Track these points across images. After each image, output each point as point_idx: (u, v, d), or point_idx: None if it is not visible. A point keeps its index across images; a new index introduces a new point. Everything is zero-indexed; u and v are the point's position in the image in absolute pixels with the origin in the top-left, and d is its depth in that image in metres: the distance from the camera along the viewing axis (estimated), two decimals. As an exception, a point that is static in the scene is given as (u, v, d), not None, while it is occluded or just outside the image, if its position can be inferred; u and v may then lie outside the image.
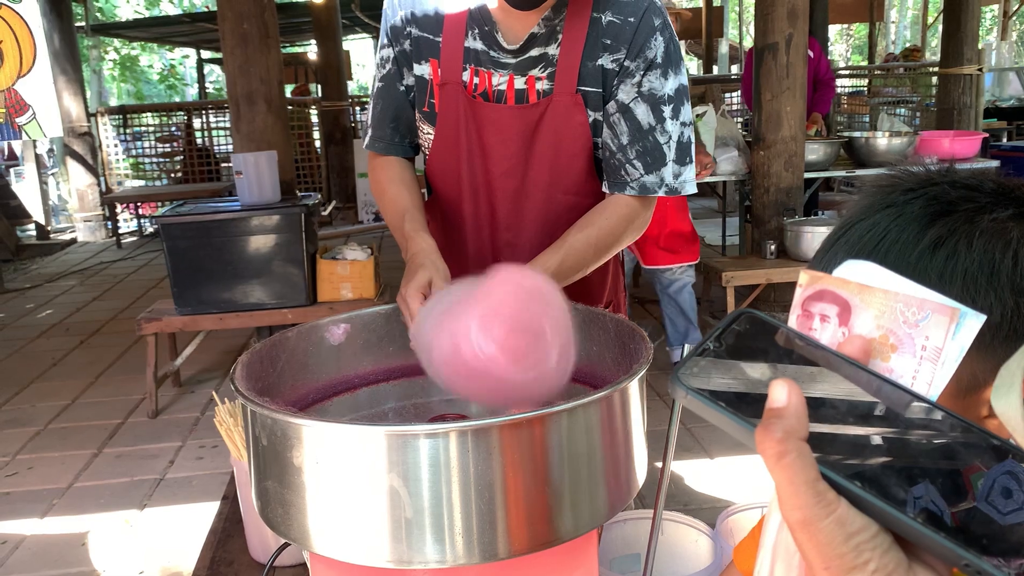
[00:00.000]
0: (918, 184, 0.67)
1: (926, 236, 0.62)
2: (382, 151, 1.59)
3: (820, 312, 0.52)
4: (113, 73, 21.85)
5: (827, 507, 0.42)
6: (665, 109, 1.43)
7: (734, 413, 0.46)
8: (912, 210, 0.64)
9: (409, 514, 0.87)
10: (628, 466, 1.01)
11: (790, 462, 0.42)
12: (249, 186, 4.01)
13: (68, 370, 4.97)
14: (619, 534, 1.41)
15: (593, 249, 1.42)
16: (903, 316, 0.49)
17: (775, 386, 0.43)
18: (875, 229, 0.65)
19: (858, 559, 0.41)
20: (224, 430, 1.56)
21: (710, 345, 0.49)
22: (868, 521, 0.42)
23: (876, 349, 0.49)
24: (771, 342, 0.49)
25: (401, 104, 1.55)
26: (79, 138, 9.21)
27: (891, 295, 0.49)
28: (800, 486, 0.42)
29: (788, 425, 0.42)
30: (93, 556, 2.93)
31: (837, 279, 0.51)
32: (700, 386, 0.47)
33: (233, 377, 1.03)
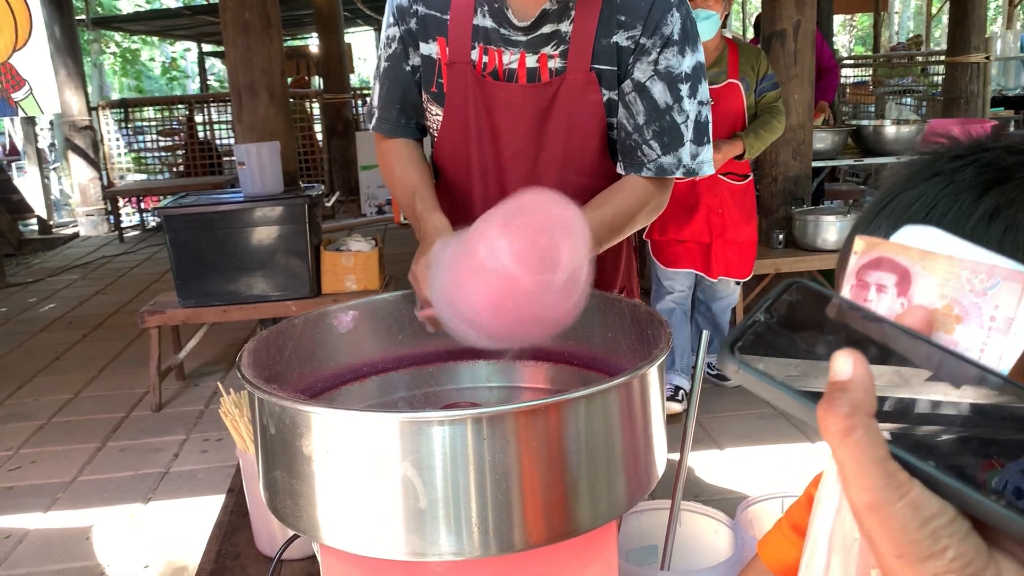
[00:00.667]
0: (967, 150, 0.62)
1: (980, 206, 0.57)
2: (388, 133, 1.55)
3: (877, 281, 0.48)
4: (114, 67, 21.81)
5: (899, 489, 0.38)
6: (682, 87, 1.39)
7: (792, 389, 0.42)
8: (963, 178, 0.59)
9: (423, 504, 0.84)
10: (647, 455, 0.97)
11: (857, 439, 0.38)
12: (252, 177, 3.97)
13: (71, 364, 4.95)
14: (636, 525, 1.38)
15: (607, 229, 1.39)
16: (969, 284, 0.45)
17: (838, 357, 0.40)
18: (923, 199, 0.60)
19: (935, 546, 0.38)
20: (229, 421, 1.53)
21: (760, 317, 0.45)
22: (944, 504, 0.38)
23: (939, 321, 0.45)
24: (824, 314, 0.45)
25: (407, 85, 1.52)
26: (80, 132, 9.17)
27: (956, 261, 0.45)
28: (869, 466, 0.38)
29: (855, 399, 0.39)
30: (97, 550, 2.91)
31: (896, 245, 0.47)
32: (753, 360, 0.43)
33: (239, 365, 1.00)
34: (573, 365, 1.25)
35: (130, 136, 10.07)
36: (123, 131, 9.95)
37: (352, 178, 9.70)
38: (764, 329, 0.45)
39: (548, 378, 1.27)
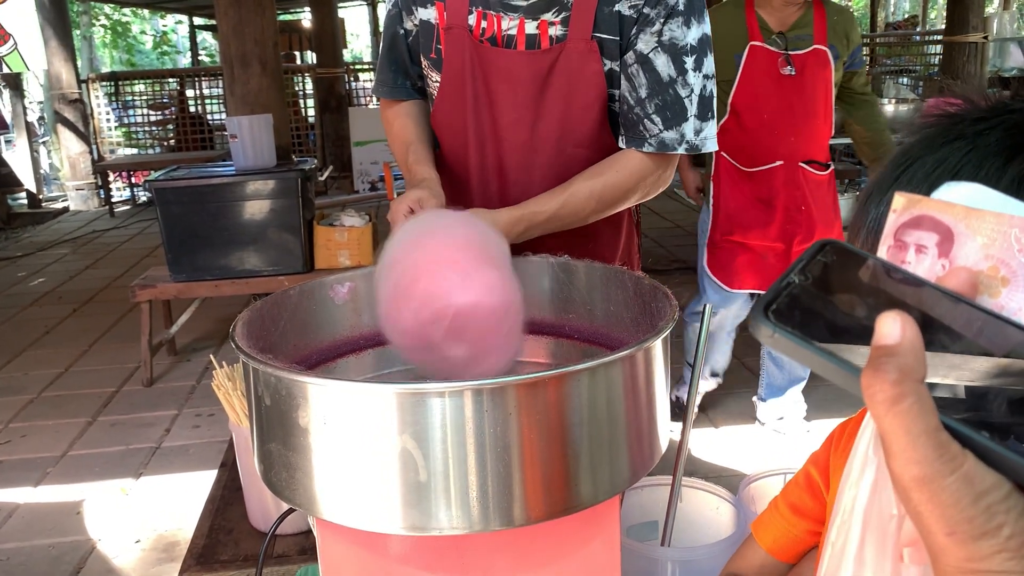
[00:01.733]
0: (990, 112, 0.59)
1: (1008, 171, 0.54)
2: (386, 95, 1.57)
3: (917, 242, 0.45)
4: (104, 40, 21.56)
5: (952, 461, 0.35)
6: (687, 60, 1.36)
7: (832, 354, 0.39)
8: (987, 142, 0.56)
9: (423, 477, 0.82)
10: (651, 430, 0.96)
11: (907, 407, 0.36)
12: (244, 150, 3.92)
13: (61, 338, 4.91)
14: (636, 501, 1.37)
15: (596, 200, 1.37)
16: (1018, 243, 0.42)
17: (885, 319, 0.37)
18: (944, 164, 0.57)
19: (990, 523, 0.35)
20: (223, 394, 1.51)
21: (795, 279, 0.42)
22: (999, 479, 0.36)
23: (984, 283, 0.42)
24: (861, 276, 0.43)
25: (401, 48, 1.52)
26: (70, 105, 9.06)
27: (1004, 219, 0.42)
28: (919, 437, 0.36)
29: (904, 364, 0.36)
30: (88, 525, 2.89)
31: (939, 203, 0.44)
32: (789, 324, 0.40)
33: (233, 335, 0.97)
34: (574, 339, 1.23)
35: (120, 110, 9.96)
36: (113, 105, 9.84)
37: (345, 154, 9.61)
38: (799, 291, 0.42)
39: (549, 352, 1.25)
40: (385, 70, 1.55)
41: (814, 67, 2.84)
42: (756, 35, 2.87)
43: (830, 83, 2.88)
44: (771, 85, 2.86)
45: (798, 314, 0.41)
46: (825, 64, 2.85)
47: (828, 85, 2.87)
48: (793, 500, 0.93)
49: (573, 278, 1.23)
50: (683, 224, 6.99)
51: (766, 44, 2.86)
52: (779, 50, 2.85)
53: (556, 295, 1.25)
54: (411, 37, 1.50)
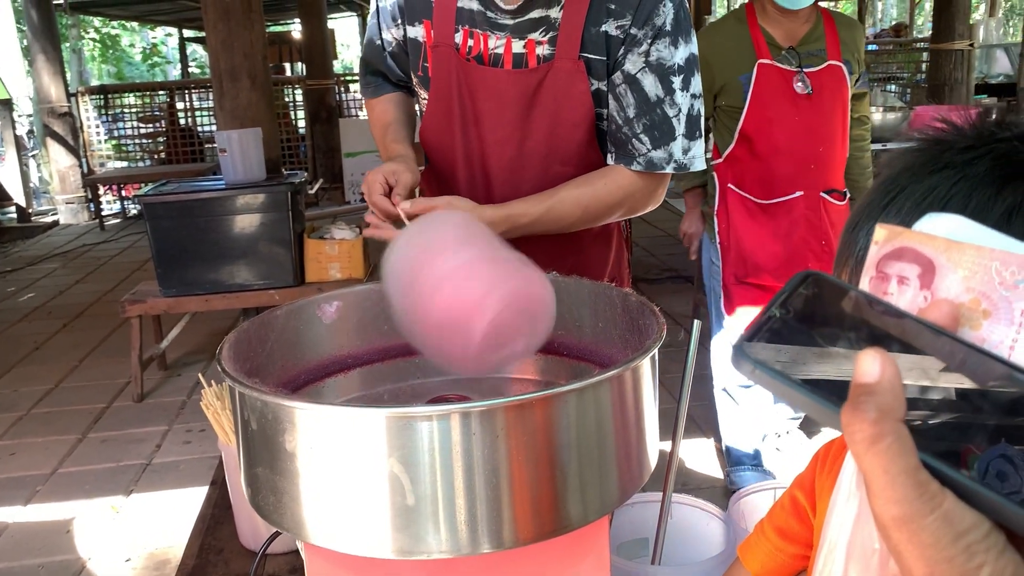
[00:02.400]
0: (978, 140, 0.58)
1: (1000, 202, 0.53)
2: (370, 95, 1.62)
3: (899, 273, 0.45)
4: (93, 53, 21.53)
5: (931, 501, 0.35)
6: (675, 80, 1.36)
7: (812, 391, 0.39)
8: (976, 171, 0.56)
9: (411, 501, 0.81)
10: (640, 448, 0.95)
11: (886, 447, 0.35)
12: (233, 164, 3.92)
13: (51, 354, 4.89)
14: (626, 518, 1.36)
15: (581, 210, 1.39)
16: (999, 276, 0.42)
17: (865, 357, 0.37)
18: (935, 193, 0.56)
19: (970, 563, 0.35)
20: (211, 414, 1.50)
21: (776, 312, 0.42)
22: (979, 517, 0.36)
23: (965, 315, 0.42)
24: (843, 308, 0.42)
25: (379, 57, 1.57)
26: (59, 119, 9.04)
27: (985, 252, 0.42)
28: (898, 476, 0.35)
29: (883, 403, 0.36)
30: (78, 543, 2.87)
31: (920, 235, 0.44)
32: (769, 359, 0.40)
33: (220, 358, 0.97)
34: (563, 356, 1.23)
35: (110, 123, 9.94)
36: (103, 118, 9.82)
37: (336, 165, 9.62)
38: (780, 325, 0.42)
39: (538, 369, 1.25)
40: (365, 75, 1.63)
41: (831, 85, 2.56)
42: (764, 52, 2.54)
43: (847, 103, 2.62)
44: (786, 107, 2.53)
45: (778, 349, 0.41)
46: (841, 82, 2.58)
47: (846, 106, 2.62)
48: (780, 524, 0.93)
49: (561, 294, 1.23)
50: (674, 233, 7.00)
51: (776, 61, 2.53)
52: (792, 67, 2.53)
53: (545, 312, 1.24)
54: (390, 48, 1.53)
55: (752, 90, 2.54)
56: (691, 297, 5.00)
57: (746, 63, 2.55)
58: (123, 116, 10.13)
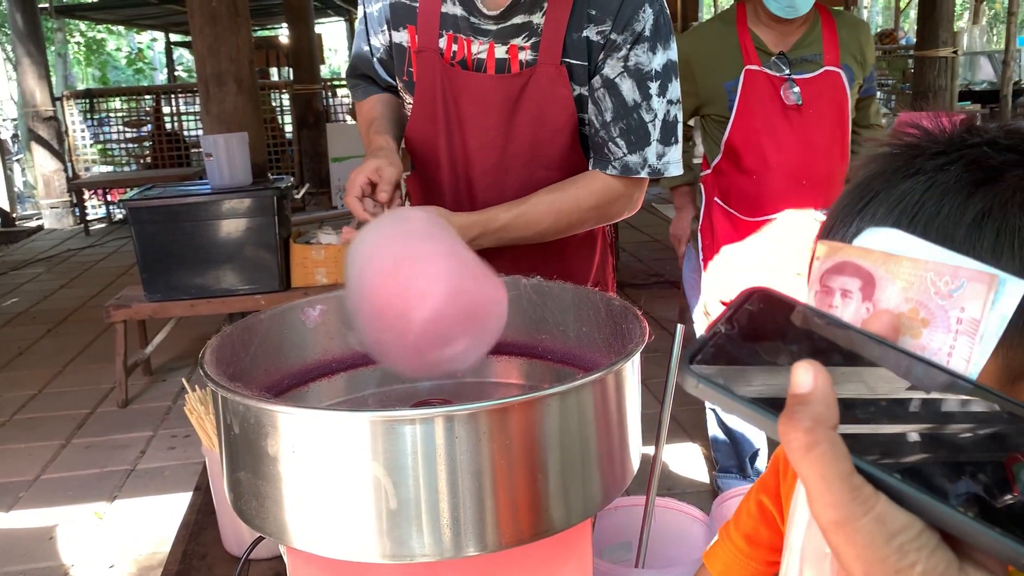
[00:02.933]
0: (949, 147, 0.59)
1: (970, 208, 0.54)
2: (359, 97, 1.63)
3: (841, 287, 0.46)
4: (79, 56, 21.43)
5: (864, 504, 0.37)
6: (652, 86, 1.37)
7: (752, 403, 0.40)
8: (947, 178, 0.56)
9: (393, 505, 0.81)
10: (623, 452, 0.96)
11: (820, 454, 0.37)
12: (219, 169, 3.91)
13: (35, 359, 4.85)
14: (610, 522, 1.37)
15: (554, 214, 1.39)
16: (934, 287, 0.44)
17: (798, 369, 0.38)
18: (907, 200, 0.56)
19: (902, 561, 0.36)
20: (195, 419, 1.50)
21: (721, 328, 0.44)
22: (911, 518, 0.37)
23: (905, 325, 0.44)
24: (788, 322, 0.44)
25: (367, 63, 1.57)
26: (44, 123, 9.00)
27: (920, 264, 0.44)
28: (833, 481, 0.37)
29: (816, 412, 0.37)
30: (62, 550, 2.85)
31: (858, 249, 0.46)
32: (713, 374, 0.42)
33: (202, 362, 0.97)
34: (546, 360, 1.23)
35: (95, 127, 9.89)
36: (88, 122, 9.77)
37: (323, 170, 9.60)
38: (725, 341, 0.43)
39: (522, 373, 1.25)
40: (354, 76, 1.64)
41: (826, 94, 2.35)
42: (752, 57, 2.36)
43: (846, 112, 2.39)
44: (775, 118, 2.34)
45: (722, 364, 0.42)
46: (839, 90, 2.36)
47: (844, 115, 2.39)
48: (748, 531, 0.93)
49: (545, 299, 1.24)
50: (660, 238, 7.03)
51: (765, 68, 2.34)
52: (782, 75, 2.33)
53: (528, 316, 1.25)
54: (378, 54, 1.54)
55: (738, 99, 2.37)
56: (677, 302, 5.02)
57: (732, 69, 2.37)
58: (109, 120, 10.08)
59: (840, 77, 2.35)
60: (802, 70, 2.35)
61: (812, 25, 2.37)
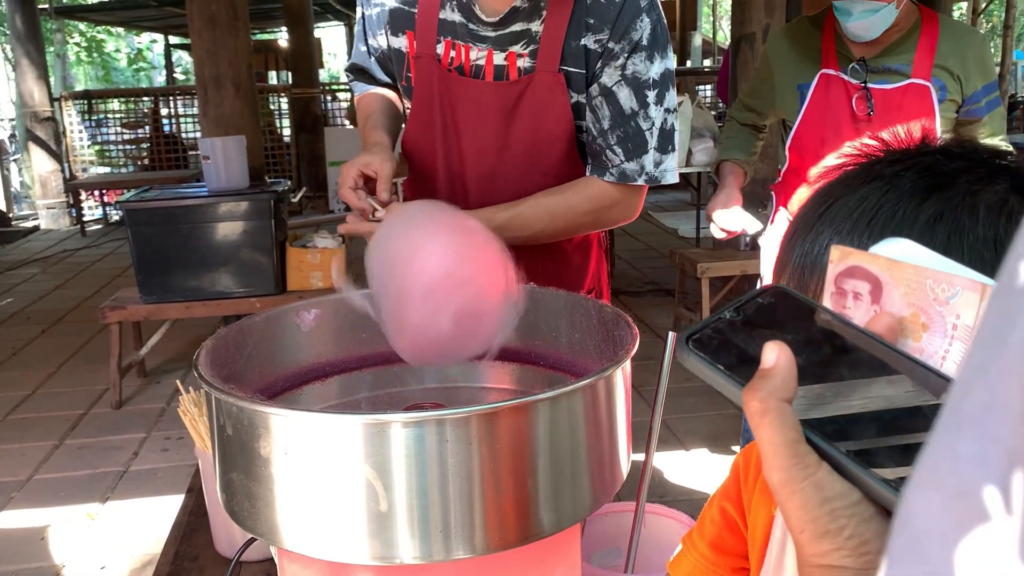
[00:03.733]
0: (904, 155, 0.63)
1: (923, 211, 0.58)
2: (358, 92, 1.66)
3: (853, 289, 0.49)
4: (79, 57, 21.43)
5: (805, 469, 0.41)
6: (649, 94, 1.39)
7: (728, 374, 0.46)
8: (903, 183, 0.60)
9: (384, 508, 0.82)
10: (612, 458, 0.97)
11: (769, 421, 0.42)
12: (216, 171, 3.92)
13: (29, 360, 4.85)
14: (600, 527, 1.37)
15: (549, 216, 1.40)
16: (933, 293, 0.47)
17: (767, 347, 0.43)
18: (865, 203, 0.61)
19: (832, 524, 0.41)
20: (188, 420, 1.50)
21: (727, 314, 0.48)
22: (849, 488, 0.41)
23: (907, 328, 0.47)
24: (793, 316, 0.48)
25: (365, 60, 1.60)
26: (42, 123, 9.00)
27: (920, 271, 0.47)
28: (779, 447, 0.42)
29: (772, 386, 0.42)
30: (53, 551, 2.85)
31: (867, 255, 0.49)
32: (705, 350, 0.47)
33: (196, 363, 0.98)
34: (539, 366, 1.24)
35: (93, 128, 9.90)
36: (86, 123, 9.78)
37: (320, 174, 9.61)
38: (725, 325, 0.48)
39: (514, 379, 1.26)
40: (350, 72, 1.67)
41: (907, 108, 2.09)
42: (831, 61, 2.17)
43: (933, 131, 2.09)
44: (843, 128, 2.13)
45: (716, 343, 0.47)
46: (925, 105, 2.08)
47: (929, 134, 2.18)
48: (712, 538, 0.94)
49: (538, 305, 1.25)
50: (656, 246, 7.05)
51: (842, 73, 2.15)
52: (858, 81, 2.13)
53: (522, 322, 1.25)
54: (376, 54, 1.57)
55: (807, 103, 2.20)
56: (672, 310, 5.03)
57: (809, 72, 2.20)
58: (107, 121, 10.09)
59: (928, 92, 2.08)
60: (885, 79, 2.12)
61: (909, 32, 2.12)
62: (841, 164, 0.66)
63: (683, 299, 5.02)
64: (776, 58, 2.31)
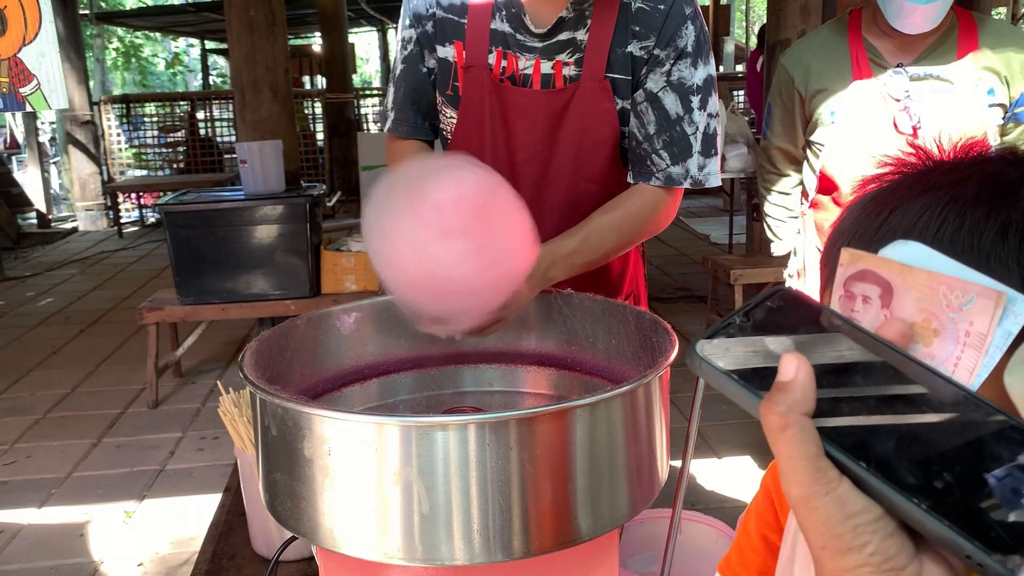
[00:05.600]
0: (960, 164, 0.62)
1: (992, 220, 0.57)
2: (405, 135, 1.56)
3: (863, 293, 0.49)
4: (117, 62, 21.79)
5: (827, 485, 0.40)
6: (693, 99, 1.40)
7: (744, 385, 0.44)
8: (967, 192, 0.59)
9: (425, 510, 0.83)
10: (651, 464, 0.97)
11: (790, 436, 0.41)
12: (254, 175, 3.96)
13: (68, 359, 4.94)
14: (636, 534, 1.37)
15: (616, 232, 1.39)
16: (946, 299, 0.46)
17: (785, 359, 0.42)
18: (928, 214, 0.59)
19: (855, 540, 0.40)
20: (228, 420, 1.52)
21: (736, 319, 0.47)
22: (870, 503, 0.40)
23: (918, 334, 0.47)
24: (802, 321, 0.47)
25: (424, 87, 1.53)
26: (82, 127, 9.16)
27: (934, 277, 0.47)
28: (800, 461, 0.41)
29: (792, 399, 0.41)
30: (91, 547, 2.90)
31: (879, 259, 0.49)
32: (717, 358, 0.46)
33: (242, 365, 0.99)
34: (576, 371, 1.25)
35: (131, 131, 10.06)
36: (124, 126, 9.94)
37: (353, 178, 9.68)
38: (736, 331, 0.47)
39: (551, 384, 1.26)
40: (406, 109, 1.54)
41: (954, 117, 1.93)
42: (864, 70, 1.98)
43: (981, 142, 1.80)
44: (886, 143, 1.92)
45: (729, 350, 0.46)
46: (973, 112, 1.94)
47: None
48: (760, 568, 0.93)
49: (576, 311, 1.25)
50: (688, 252, 7.02)
51: (879, 82, 1.97)
52: (899, 91, 1.95)
53: (560, 328, 1.26)
54: (434, 75, 1.51)
55: (843, 119, 2.01)
56: (704, 316, 5.01)
57: (839, 84, 2.01)
58: (144, 125, 10.24)
59: (976, 96, 1.94)
60: (926, 85, 1.95)
61: (946, 32, 1.95)
62: (881, 174, 0.65)
63: (715, 306, 4.99)
64: (799, 77, 2.11)
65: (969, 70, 1.92)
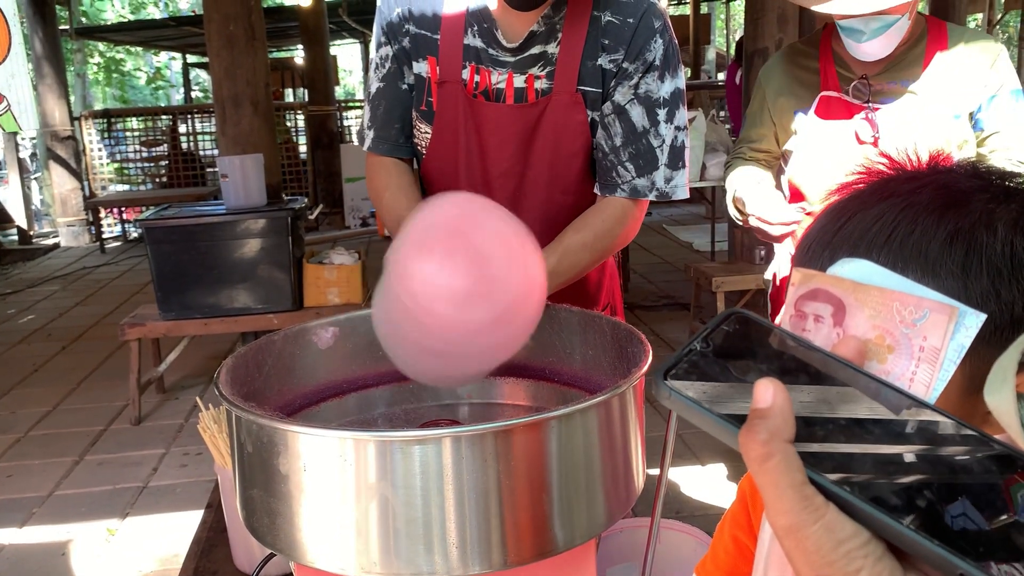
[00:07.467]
0: (921, 172, 0.64)
1: (942, 227, 0.58)
2: (387, 152, 1.54)
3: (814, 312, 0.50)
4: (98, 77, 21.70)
5: (814, 512, 0.39)
6: (660, 112, 1.41)
7: (718, 415, 0.43)
8: (920, 200, 0.60)
9: (400, 524, 0.83)
10: (627, 473, 0.98)
11: (774, 465, 0.40)
12: (235, 189, 3.96)
13: (50, 376, 4.90)
14: (615, 543, 1.38)
15: (589, 251, 1.40)
16: (899, 315, 0.47)
17: (759, 386, 0.41)
18: (882, 220, 0.60)
19: (848, 567, 0.39)
20: (208, 437, 1.52)
21: (697, 346, 0.46)
22: (858, 527, 0.39)
23: (872, 350, 0.47)
24: (761, 343, 0.46)
25: (406, 103, 1.52)
26: (62, 142, 9.12)
27: (887, 293, 0.47)
28: (785, 490, 0.40)
29: (773, 426, 0.40)
30: (74, 566, 2.88)
31: (831, 277, 0.49)
32: (684, 388, 0.44)
33: (217, 382, 0.99)
34: (553, 382, 1.25)
35: (112, 146, 10.01)
36: (105, 141, 9.90)
37: (336, 190, 9.68)
38: (698, 358, 0.46)
39: (528, 395, 1.27)
40: (388, 127, 1.52)
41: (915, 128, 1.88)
42: (831, 82, 1.96)
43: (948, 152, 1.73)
44: (847, 153, 1.89)
45: (695, 378, 0.45)
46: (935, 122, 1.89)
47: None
48: (728, 569, 0.94)
49: (553, 323, 1.26)
50: (671, 259, 7.05)
51: (844, 94, 1.94)
52: (861, 102, 1.91)
53: (536, 339, 1.27)
54: (413, 92, 1.51)
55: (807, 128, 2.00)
56: (687, 324, 5.03)
57: (807, 96, 2.00)
58: (125, 140, 10.20)
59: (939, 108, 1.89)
60: (890, 97, 1.90)
61: (914, 44, 1.91)
62: (852, 182, 0.67)
63: (698, 313, 5.02)
64: (771, 87, 2.12)
65: (934, 81, 1.89)
